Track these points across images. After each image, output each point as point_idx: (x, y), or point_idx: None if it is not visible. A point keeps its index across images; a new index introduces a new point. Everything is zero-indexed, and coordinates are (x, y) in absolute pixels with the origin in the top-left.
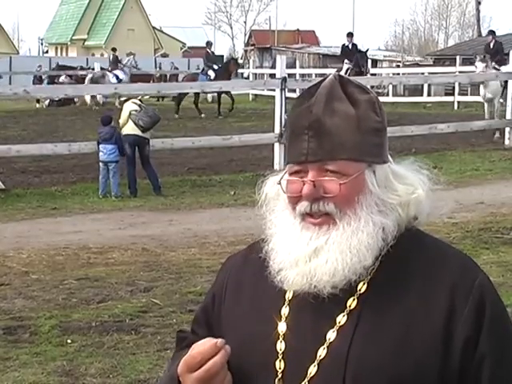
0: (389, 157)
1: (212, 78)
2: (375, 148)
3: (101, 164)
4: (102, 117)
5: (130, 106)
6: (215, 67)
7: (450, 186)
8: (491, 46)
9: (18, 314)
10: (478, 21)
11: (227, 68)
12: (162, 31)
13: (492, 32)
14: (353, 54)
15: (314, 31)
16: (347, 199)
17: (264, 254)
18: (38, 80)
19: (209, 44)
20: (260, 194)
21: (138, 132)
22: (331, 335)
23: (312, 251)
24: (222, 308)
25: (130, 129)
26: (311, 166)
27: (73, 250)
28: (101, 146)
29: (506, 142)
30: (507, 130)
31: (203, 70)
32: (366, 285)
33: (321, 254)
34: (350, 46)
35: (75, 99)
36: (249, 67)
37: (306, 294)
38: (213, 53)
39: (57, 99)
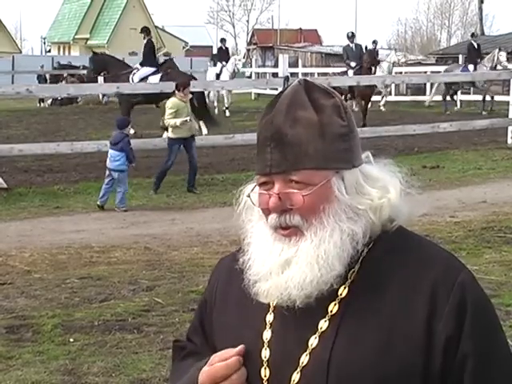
0: (361, 159)
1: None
2: (342, 153)
3: (107, 170)
4: (116, 119)
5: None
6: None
7: (453, 185)
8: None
9: (20, 312)
10: (481, 19)
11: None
12: (164, 30)
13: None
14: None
15: (316, 30)
16: (312, 210)
17: (241, 264)
18: (43, 80)
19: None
20: (238, 203)
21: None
22: (313, 341)
23: (284, 262)
24: (213, 314)
25: None
26: (276, 178)
27: (75, 249)
28: (109, 150)
29: (509, 141)
30: (510, 128)
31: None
32: (346, 289)
33: (291, 266)
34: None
35: (78, 98)
36: (251, 66)
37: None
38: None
39: (59, 98)
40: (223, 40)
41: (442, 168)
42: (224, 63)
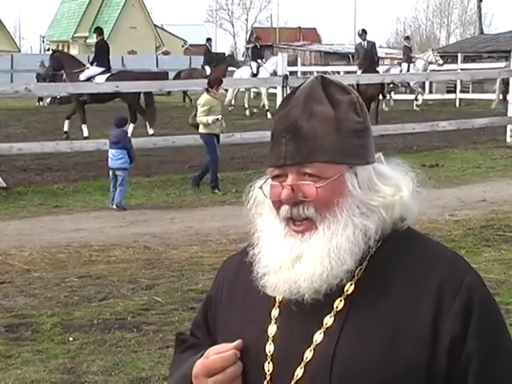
0: (374, 157)
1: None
2: (357, 149)
3: (110, 171)
4: (115, 118)
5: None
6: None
7: (452, 184)
8: None
9: (19, 311)
10: (480, 18)
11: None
12: (163, 29)
13: None
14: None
15: (315, 29)
16: (326, 202)
17: (251, 257)
18: (42, 79)
19: (209, 41)
20: (248, 198)
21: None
22: (318, 337)
23: (295, 257)
24: (218, 310)
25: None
26: (290, 170)
27: (74, 248)
28: (109, 150)
29: (508, 139)
30: (509, 127)
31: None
32: (353, 286)
33: (303, 261)
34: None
35: None
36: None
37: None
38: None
39: (58, 97)
40: (257, 39)
41: (442, 167)
42: (259, 61)
